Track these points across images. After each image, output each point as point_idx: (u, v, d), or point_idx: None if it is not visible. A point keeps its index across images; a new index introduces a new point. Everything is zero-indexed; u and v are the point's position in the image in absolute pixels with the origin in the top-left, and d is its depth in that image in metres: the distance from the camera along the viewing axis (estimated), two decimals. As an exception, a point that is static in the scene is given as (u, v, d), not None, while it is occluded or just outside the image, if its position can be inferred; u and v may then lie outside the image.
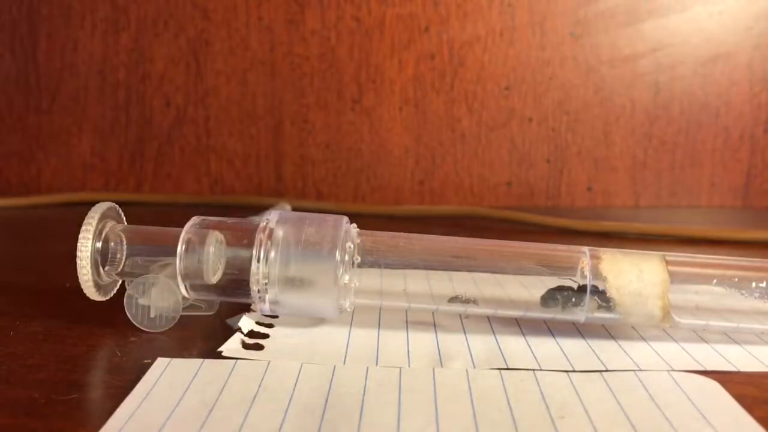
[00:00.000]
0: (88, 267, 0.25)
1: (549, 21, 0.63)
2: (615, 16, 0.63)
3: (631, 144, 0.64)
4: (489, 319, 0.28)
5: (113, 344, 0.25)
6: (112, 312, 0.26)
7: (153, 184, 0.67)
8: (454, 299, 0.25)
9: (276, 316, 0.27)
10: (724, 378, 0.22)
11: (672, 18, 0.63)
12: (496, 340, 0.26)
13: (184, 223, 0.26)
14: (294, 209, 0.56)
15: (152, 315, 0.25)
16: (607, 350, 0.25)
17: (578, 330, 0.27)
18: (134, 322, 0.25)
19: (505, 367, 0.23)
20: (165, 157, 0.66)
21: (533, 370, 0.23)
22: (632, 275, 0.25)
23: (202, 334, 0.26)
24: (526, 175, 0.65)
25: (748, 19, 0.63)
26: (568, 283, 0.25)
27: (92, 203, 0.27)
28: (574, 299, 0.25)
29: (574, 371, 0.23)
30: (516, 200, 0.65)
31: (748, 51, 0.63)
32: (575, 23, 0.63)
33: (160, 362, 0.23)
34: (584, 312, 0.25)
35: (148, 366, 0.22)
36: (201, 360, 0.23)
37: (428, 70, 0.64)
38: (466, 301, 0.25)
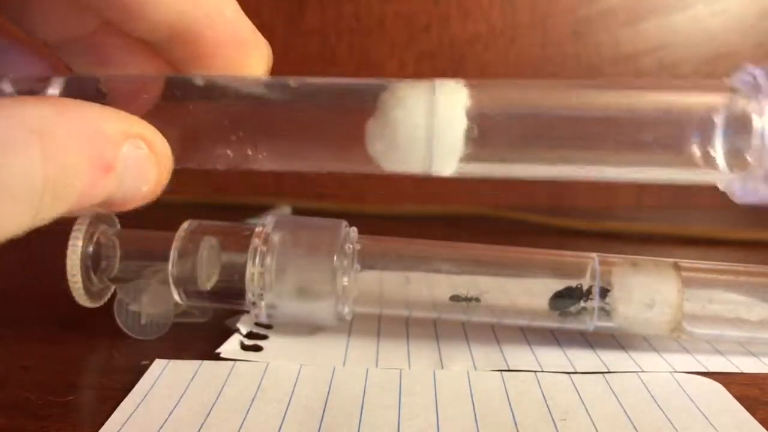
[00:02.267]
0: (78, 273, 0.25)
1: (550, 19, 0.63)
2: (617, 15, 0.63)
3: (633, 143, 0.64)
4: (490, 319, 0.27)
5: (111, 345, 0.25)
6: (110, 313, 0.25)
7: (153, 184, 0.66)
8: (455, 297, 0.25)
9: (271, 327, 0.26)
10: (727, 379, 0.22)
11: (674, 17, 0.63)
12: (498, 341, 0.25)
13: (182, 224, 0.26)
14: (294, 209, 0.56)
15: (143, 322, 0.25)
16: (608, 351, 0.25)
17: (580, 331, 0.26)
18: (124, 329, 0.25)
19: (507, 368, 0.23)
20: (165, 156, 0.66)
21: (535, 371, 0.23)
22: (644, 287, 0.24)
23: (201, 335, 0.26)
24: (527, 174, 0.65)
25: (750, 18, 0.62)
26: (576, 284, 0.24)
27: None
28: (583, 303, 0.24)
29: (575, 372, 0.23)
30: (517, 200, 0.65)
31: (750, 50, 0.63)
32: (577, 22, 0.63)
33: (158, 364, 0.23)
34: (593, 322, 0.24)
35: (146, 367, 0.22)
36: (199, 361, 0.23)
37: (429, 68, 0.64)
38: (469, 299, 0.25)
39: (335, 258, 0.24)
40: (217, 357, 0.23)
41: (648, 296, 0.24)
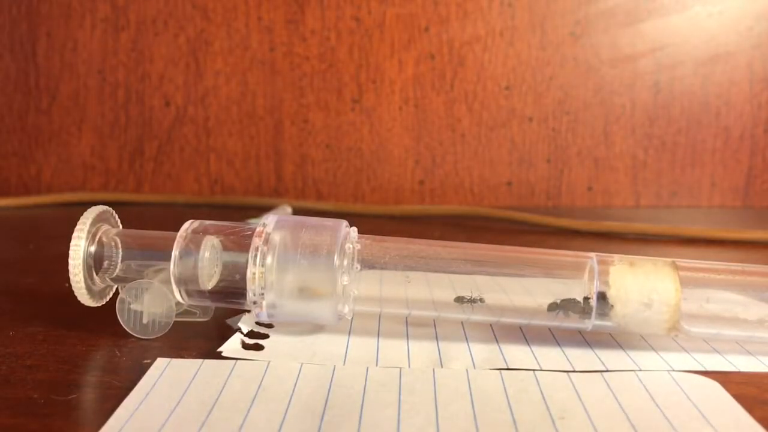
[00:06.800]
0: (80, 272, 0.25)
1: (549, 21, 0.63)
2: (615, 16, 0.63)
3: (632, 144, 0.64)
4: (489, 319, 0.27)
5: (113, 344, 0.25)
6: (112, 312, 0.25)
7: (153, 184, 0.66)
8: (460, 299, 0.25)
9: (272, 326, 0.26)
10: (724, 378, 0.22)
11: (672, 18, 0.63)
12: (497, 340, 0.26)
13: (184, 224, 0.26)
14: (294, 209, 0.56)
15: (145, 321, 0.25)
16: (607, 350, 0.25)
17: (578, 331, 0.27)
18: (126, 328, 0.25)
19: (506, 367, 0.23)
20: (165, 157, 0.66)
21: (533, 370, 0.23)
22: (642, 286, 0.24)
23: (202, 334, 0.26)
24: (526, 175, 0.65)
25: (748, 19, 0.63)
26: (575, 295, 0.24)
27: (92, 203, 0.26)
28: (579, 309, 0.24)
29: (574, 371, 0.23)
30: (516, 200, 0.65)
31: (748, 51, 0.63)
32: (575, 23, 0.63)
33: (160, 362, 0.23)
34: (591, 321, 0.25)
35: (147, 366, 0.22)
36: (201, 360, 0.23)
37: (428, 70, 0.64)
38: (472, 300, 0.25)
39: (335, 258, 0.24)
40: (219, 356, 0.23)
41: (646, 295, 0.24)
